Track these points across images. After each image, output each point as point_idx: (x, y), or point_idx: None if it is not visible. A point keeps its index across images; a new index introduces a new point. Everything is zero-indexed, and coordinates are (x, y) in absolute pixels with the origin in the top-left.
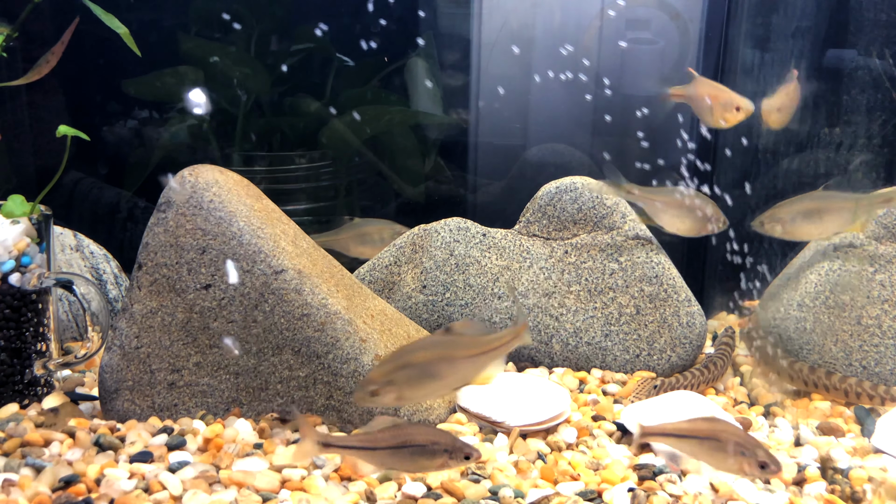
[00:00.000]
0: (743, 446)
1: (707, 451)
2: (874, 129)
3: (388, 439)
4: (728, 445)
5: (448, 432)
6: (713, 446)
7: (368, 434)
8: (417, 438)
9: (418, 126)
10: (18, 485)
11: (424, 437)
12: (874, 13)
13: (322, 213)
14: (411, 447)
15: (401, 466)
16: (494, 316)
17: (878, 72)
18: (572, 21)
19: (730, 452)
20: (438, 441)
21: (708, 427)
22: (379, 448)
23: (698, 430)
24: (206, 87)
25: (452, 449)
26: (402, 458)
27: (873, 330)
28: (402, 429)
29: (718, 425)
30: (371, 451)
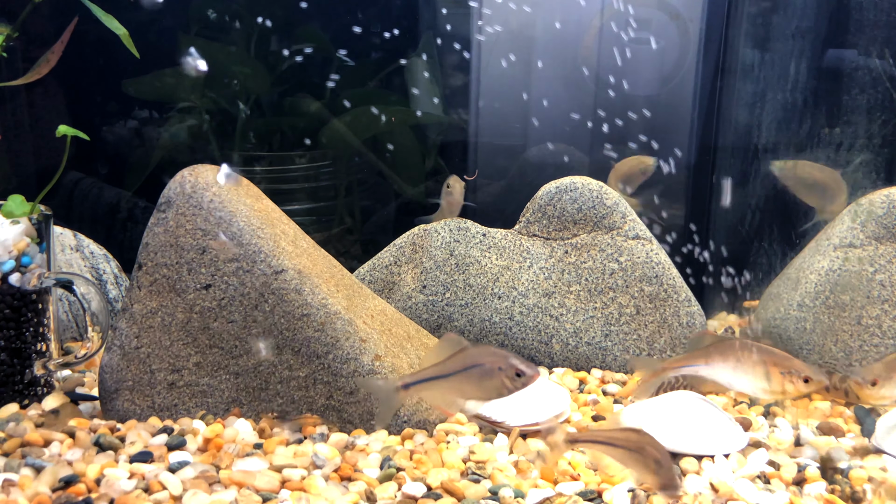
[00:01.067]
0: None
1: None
2: (874, 129)
3: (455, 365)
4: (649, 460)
5: (505, 352)
6: (636, 458)
7: (437, 364)
8: (480, 360)
9: (418, 126)
10: (18, 485)
11: (484, 357)
12: (874, 13)
13: (322, 213)
14: (475, 367)
15: (471, 393)
16: (494, 316)
17: (878, 72)
18: (572, 21)
19: (650, 468)
20: (495, 360)
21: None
22: (450, 374)
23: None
24: (207, 88)
25: (506, 366)
26: (470, 382)
27: (873, 330)
28: (468, 351)
29: (644, 438)
30: (445, 378)
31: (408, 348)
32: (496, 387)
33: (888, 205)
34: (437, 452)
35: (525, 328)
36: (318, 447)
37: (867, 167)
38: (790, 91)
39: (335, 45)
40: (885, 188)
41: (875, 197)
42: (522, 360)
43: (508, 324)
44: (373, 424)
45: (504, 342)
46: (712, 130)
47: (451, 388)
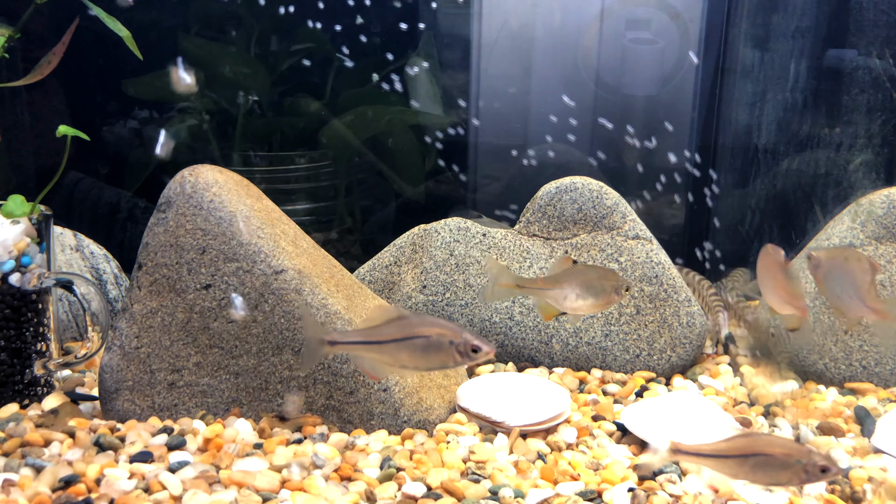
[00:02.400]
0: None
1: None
2: (874, 129)
3: (393, 332)
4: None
5: (456, 325)
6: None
7: (373, 328)
8: (423, 331)
9: (418, 126)
10: (18, 485)
11: (430, 328)
12: (874, 13)
13: (322, 213)
14: (418, 339)
15: (409, 362)
16: (494, 316)
17: (878, 72)
18: (572, 21)
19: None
20: (444, 333)
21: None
22: (385, 342)
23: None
24: (207, 88)
25: (460, 341)
26: (409, 352)
27: (873, 330)
28: (408, 320)
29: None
30: (378, 345)
31: None
32: (442, 360)
33: (888, 205)
34: (437, 452)
35: (525, 328)
36: (318, 447)
37: (867, 167)
38: (790, 91)
39: (335, 46)
40: (885, 188)
41: (875, 197)
42: (477, 336)
43: (508, 324)
44: (373, 424)
45: (504, 342)
46: (712, 130)
47: (386, 356)
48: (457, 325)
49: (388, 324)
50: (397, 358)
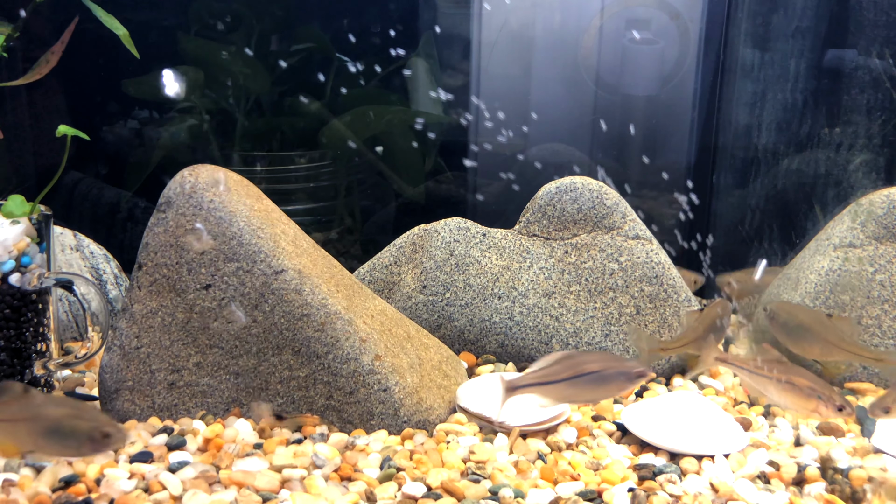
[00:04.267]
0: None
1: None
2: (874, 129)
3: (564, 371)
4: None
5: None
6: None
7: (546, 369)
8: (592, 367)
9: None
10: (18, 485)
11: (599, 364)
12: (874, 13)
13: (322, 213)
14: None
15: (583, 395)
16: (494, 316)
17: (878, 72)
18: (572, 21)
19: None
20: (613, 366)
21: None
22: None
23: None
24: (207, 88)
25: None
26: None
27: (873, 330)
28: (577, 358)
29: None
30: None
31: (408, 348)
32: (612, 391)
33: (888, 205)
34: (437, 452)
35: (525, 328)
36: (318, 447)
37: (867, 167)
38: (790, 91)
39: (335, 46)
40: (885, 188)
41: (875, 197)
42: (638, 363)
43: (508, 324)
44: (373, 424)
45: (504, 342)
46: (712, 130)
47: (561, 393)
48: (618, 357)
49: (558, 363)
50: (572, 394)
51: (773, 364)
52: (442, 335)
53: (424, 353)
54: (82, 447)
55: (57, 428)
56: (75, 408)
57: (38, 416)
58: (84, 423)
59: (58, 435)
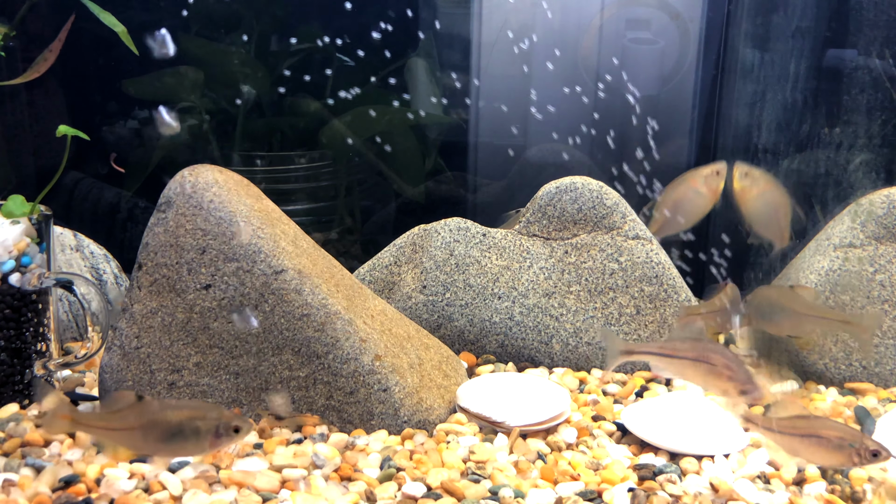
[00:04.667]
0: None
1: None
2: (874, 129)
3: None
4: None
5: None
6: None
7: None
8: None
9: (418, 126)
10: (18, 485)
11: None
12: (874, 13)
13: (322, 213)
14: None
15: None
16: (494, 316)
17: (878, 72)
18: (572, 21)
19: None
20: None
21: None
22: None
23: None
24: (207, 88)
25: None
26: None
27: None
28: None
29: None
30: (669, 358)
31: (408, 348)
32: (720, 387)
33: (888, 205)
34: (437, 452)
35: (525, 328)
36: (318, 447)
37: (867, 167)
38: (790, 91)
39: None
40: (885, 188)
41: (875, 197)
42: (750, 377)
43: (508, 324)
44: (373, 424)
45: (504, 342)
46: (712, 130)
47: (675, 367)
48: (741, 363)
49: (684, 342)
50: (684, 373)
51: (796, 420)
52: (442, 335)
53: (424, 353)
54: (207, 444)
55: (179, 430)
56: (195, 408)
57: (157, 422)
58: (208, 421)
59: (181, 437)
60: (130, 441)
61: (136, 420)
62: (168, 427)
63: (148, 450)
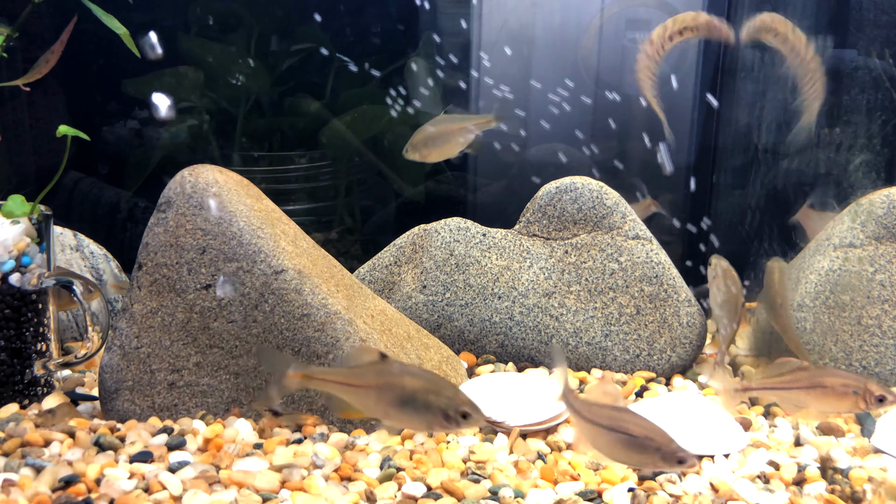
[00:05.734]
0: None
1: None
2: (874, 129)
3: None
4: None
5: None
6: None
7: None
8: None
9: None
10: (18, 485)
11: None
12: (874, 13)
13: (322, 213)
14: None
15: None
16: (494, 316)
17: (878, 72)
18: (572, 21)
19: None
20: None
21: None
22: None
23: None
24: (207, 88)
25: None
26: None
27: (873, 330)
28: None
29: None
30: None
31: (408, 348)
32: (847, 405)
33: (888, 205)
34: (437, 452)
35: (525, 328)
36: (318, 447)
37: (867, 167)
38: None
39: (335, 46)
40: (885, 188)
41: (875, 197)
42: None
43: (508, 324)
44: (373, 424)
45: (504, 342)
46: (712, 130)
47: (791, 398)
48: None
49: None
50: (801, 401)
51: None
52: (442, 335)
53: (424, 353)
54: (434, 423)
55: (411, 399)
56: (433, 381)
57: (393, 385)
58: (440, 398)
59: (411, 407)
60: (363, 400)
61: (373, 379)
62: (402, 393)
63: (378, 412)
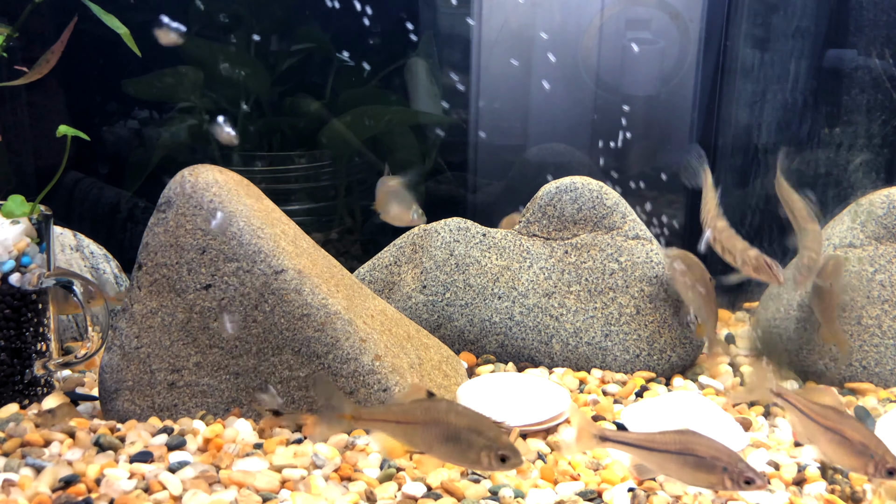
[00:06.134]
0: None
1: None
2: (874, 129)
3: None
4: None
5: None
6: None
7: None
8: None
9: (418, 126)
10: (18, 485)
11: (705, 449)
12: (874, 13)
13: (322, 213)
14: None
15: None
16: (494, 316)
17: (878, 72)
18: (572, 21)
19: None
20: (718, 456)
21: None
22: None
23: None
24: (207, 88)
25: (730, 466)
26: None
27: (873, 330)
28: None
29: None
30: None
31: (408, 348)
32: (712, 482)
33: (888, 205)
34: None
35: (525, 328)
36: (318, 447)
37: (867, 167)
38: (790, 91)
39: (335, 46)
40: (885, 188)
41: (875, 197)
42: (749, 466)
43: (508, 324)
44: None
45: (504, 342)
46: (712, 130)
47: (658, 462)
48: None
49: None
50: (670, 469)
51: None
52: (442, 335)
53: (424, 353)
54: (475, 461)
55: (455, 437)
56: (478, 421)
57: (439, 422)
58: (482, 439)
59: (454, 443)
60: (410, 436)
61: (420, 416)
62: (447, 430)
63: (424, 447)
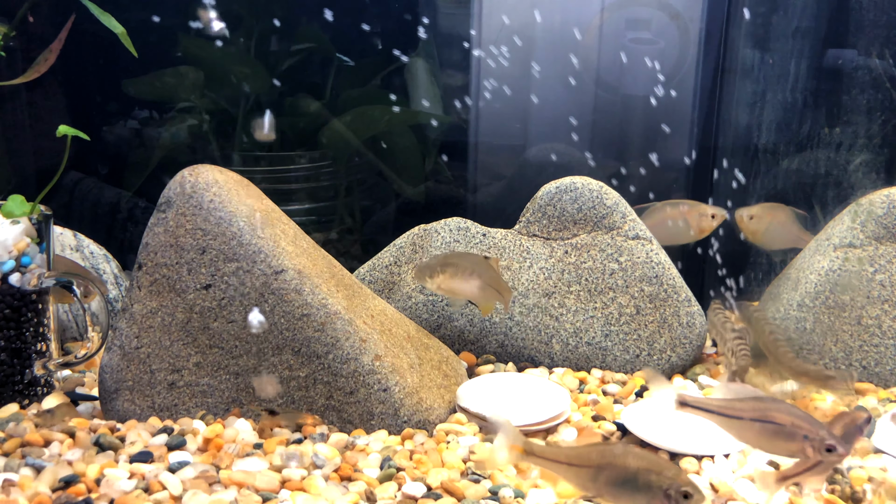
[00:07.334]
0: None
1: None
2: (874, 129)
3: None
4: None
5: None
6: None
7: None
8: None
9: (418, 126)
10: (18, 485)
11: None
12: (874, 13)
13: (322, 213)
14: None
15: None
16: (494, 316)
17: (878, 72)
18: (572, 21)
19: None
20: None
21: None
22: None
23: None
24: (206, 88)
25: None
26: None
27: (873, 330)
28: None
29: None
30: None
31: (408, 348)
32: (792, 451)
33: (888, 205)
34: (437, 452)
35: (525, 328)
36: (318, 447)
37: (867, 167)
38: (790, 91)
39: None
40: (885, 188)
41: (875, 197)
42: (831, 434)
43: (508, 324)
44: (373, 424)
45: (504, 342)
46: (712, 130)
47: (737, 430)
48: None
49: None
50: (747, 436)
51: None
52: (442, 335)
53: (424, 353)
54: (653, 502)
55: (633, 479)
56: (655, 462)
57: (615, 465)
58: (663, 479)
59: (631, 486)
60: (580, 479)
61: (595, 459)
62: (623, 473)
63: (595, 490)
